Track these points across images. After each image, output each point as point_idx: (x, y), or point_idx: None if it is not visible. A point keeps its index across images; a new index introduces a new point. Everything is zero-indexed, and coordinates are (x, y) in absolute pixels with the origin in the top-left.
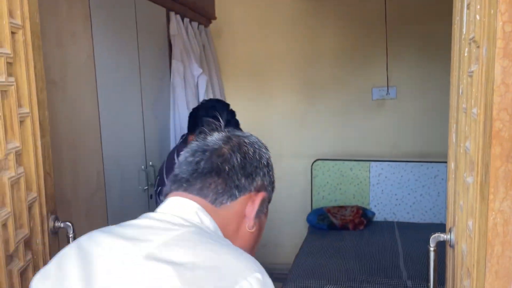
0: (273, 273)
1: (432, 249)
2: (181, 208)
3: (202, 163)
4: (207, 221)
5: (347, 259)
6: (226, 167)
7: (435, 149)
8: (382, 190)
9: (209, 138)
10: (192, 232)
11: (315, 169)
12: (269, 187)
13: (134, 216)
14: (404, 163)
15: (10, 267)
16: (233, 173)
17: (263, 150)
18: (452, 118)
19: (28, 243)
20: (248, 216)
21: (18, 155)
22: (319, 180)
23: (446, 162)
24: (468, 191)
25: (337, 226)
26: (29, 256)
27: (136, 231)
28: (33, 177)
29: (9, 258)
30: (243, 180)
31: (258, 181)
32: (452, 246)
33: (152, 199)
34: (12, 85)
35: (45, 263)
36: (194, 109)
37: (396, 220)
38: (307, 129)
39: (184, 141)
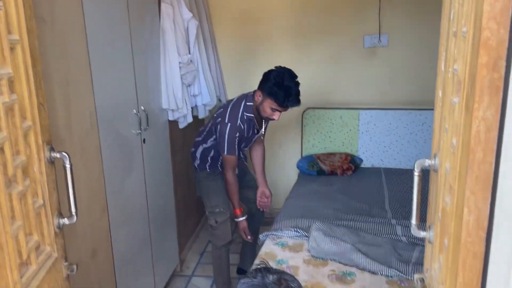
0: (266, 217)
1: (416, 174)
2: None
3: None
4: None
5: (335, 201)
6: None
7: (424, 97)
8: (371, 138)
9: (267, 281)
10: None
11: (306, 118)
12: None
13: (129, 158)
14: (393, 110)
15: (9, 190)
16: None
17: None
18: (441, 46)
19: (26, 171)
20: None
21: (11, 82)
22: (309, 128)
23: (433, 109)
24: (454, 111)
25: (326, 172)
26: (28, 182)
27: None
28: (26, 106)
29: (8, 182)
30: None
31: None
32: (436, 171)
33: (146, 143)
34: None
35: (43, 190)
36: (268, 71)
37: (383, 166)
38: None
39: (250, 100)
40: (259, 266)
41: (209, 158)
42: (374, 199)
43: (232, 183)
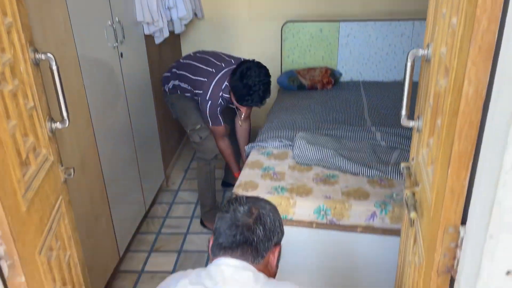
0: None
1: (409, 64)
2: (241, 268)
3: (237, 236)
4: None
5: (316, 113)
6: (255, 238)
7: (403, 8)
8: (350, 51)
9: (238, 214)
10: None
11: (285, 32)
12: (281, 238)
13: (108, 72)
14: (373, 22)
15: (1, 88)
16: (259, 241)
17: (275, 214)
18: None
19: (13, 71)
20: (272, 262)
21: None
22: (289, 43)
23: (414, 19)
24: None
25: (306, 86)
26: (17, 82)
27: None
28: (5, 1)
29: None
30: (266, 244)
31: (275, 239)
32: (428, 60)
33: (123, 58)
34: None
35: (32, 92)
36: (241, 63)
37: (362, 79)
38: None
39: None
40: (230, 199)
41: (178, 90)
42: (353, 110)
43: (225, 150)
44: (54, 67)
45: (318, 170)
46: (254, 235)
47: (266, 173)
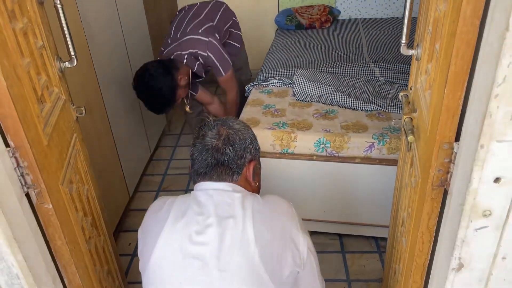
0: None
1: None
2: (223, 190)
3: (209, 160)
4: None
5: (315, 52)
6: (225, 158)
7: None
8: None
9: (207, 139)
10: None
11: None
12: (256, 154)
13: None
14: None
15: (13, 26)
16: (230, 160)
17: (245, 132)
18: None
19: (21, 8)
20: (249, 178)
21: None
22: None
23: None
24: None
25: (304, 25)
26: (26, 20)
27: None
28: None
29: (9, 18)
30: (238, 162)
31: (248, 156)
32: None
33: None
34: None
35: (40, 31)
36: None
37: (360, 17)
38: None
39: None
40: (200, 125)
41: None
42: (352, 48)
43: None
44: (59, 5)
45: (318, 106)
46: (224, 155)
47: (267, 110)
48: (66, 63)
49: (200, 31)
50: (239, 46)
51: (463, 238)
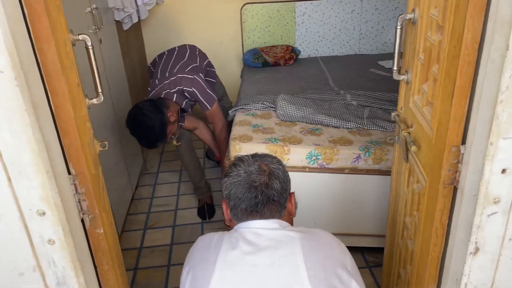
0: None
1: (398, 27)
2: (272, 229)
3: (259, 197)
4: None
5: (286, 83)
6: (275, 194)
7: None
8: (306, 29)
9: (252, 176)
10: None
11: (244, 14)
12: (290, 184)
13: None
14: (325, 1)
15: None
16: (279, 195)
17: (282, 164)
18: None
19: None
20: (291, 211)
21: None
22: (248, 24)
23: None
24: None
25: (270, 63)
26: (69, 63)
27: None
28: None
29: None
30: (284, 195)
31: (289, 188)
32: (414, 22)
33: (102, 44)
34: None
35: (75, 70)
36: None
37: (319, 55)
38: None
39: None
40: (234, 162)
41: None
42: (319, 79)
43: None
44: (90, 46)
45: (303, 125)
46: (274, 190)
47: (257, 129)
48: (94, 99)
49: (186, 70)
50: (215, 81)
51: (478, 224)
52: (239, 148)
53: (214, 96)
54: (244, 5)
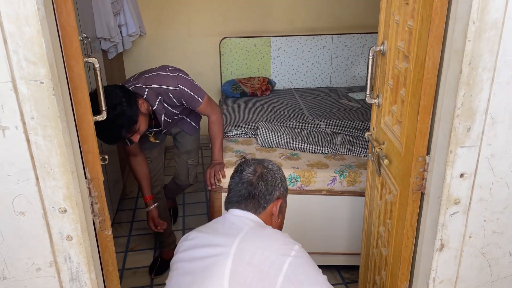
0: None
1: (370, 57)
2: (243, 217)
3: (243, 191)
4: (259, 221)
5: (263, 113)
6: (256, 193)
7: (323, 24)
8: (281, 63)
9: (244, 173)
10: (256, 226)
11: (223, 47)
12: (284, 193)
13: None
14: (299, 37)
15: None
16: (261, 195)
17: (277, 172)
18: None
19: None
20: (274, 214)
21: None
22: (227, 57)
23: (332, 34)
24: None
25: (248, 93)
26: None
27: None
28: None
29: None
30: (267, 197)
31: (276, 193)
32: (384, 53)
33: (91, 71)
34: None
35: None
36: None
37: (293, 87)
38: (213, 9)
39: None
40: (240, 161)
41: None
42: (294, 109)
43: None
44: (98, 68)
45: (282, 150)
46: (256, 190)
47: (239, 154)
48: (99, 116)
49: (167, 69)
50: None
51: (442, 222)
52: (224, 173)
53: (202, 89)
54: (223, 39)
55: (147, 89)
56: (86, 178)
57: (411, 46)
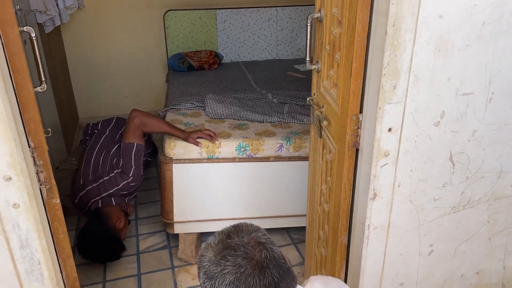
0: None
1: (308, 24)
2: None
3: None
4: None
5: (212, 85)
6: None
7: None
8: (228, 36)
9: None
10: None
11: (167, 20)
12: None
13: None
14: (244, 9)
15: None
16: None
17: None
18: None
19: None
20: None
21: None
22: (171, 30)
23: (277, 6)
24: None
25: (195, 67)
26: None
27: None
28: None
29: None
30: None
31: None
32: (321, 20)
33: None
34: None
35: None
36: None
37: (240, 60)
38: None
39: None
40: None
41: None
42: (242, 81)
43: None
44: (34, 38)
45: (230, 121)
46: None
47: (189, 127)
48: (38, 88)
49: (110, 172)
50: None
51: (374, 174)
52: (174, 145)
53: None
54: (167, 11)
55: (113, 198)
56: (29, 146)
57: (343, 12)
